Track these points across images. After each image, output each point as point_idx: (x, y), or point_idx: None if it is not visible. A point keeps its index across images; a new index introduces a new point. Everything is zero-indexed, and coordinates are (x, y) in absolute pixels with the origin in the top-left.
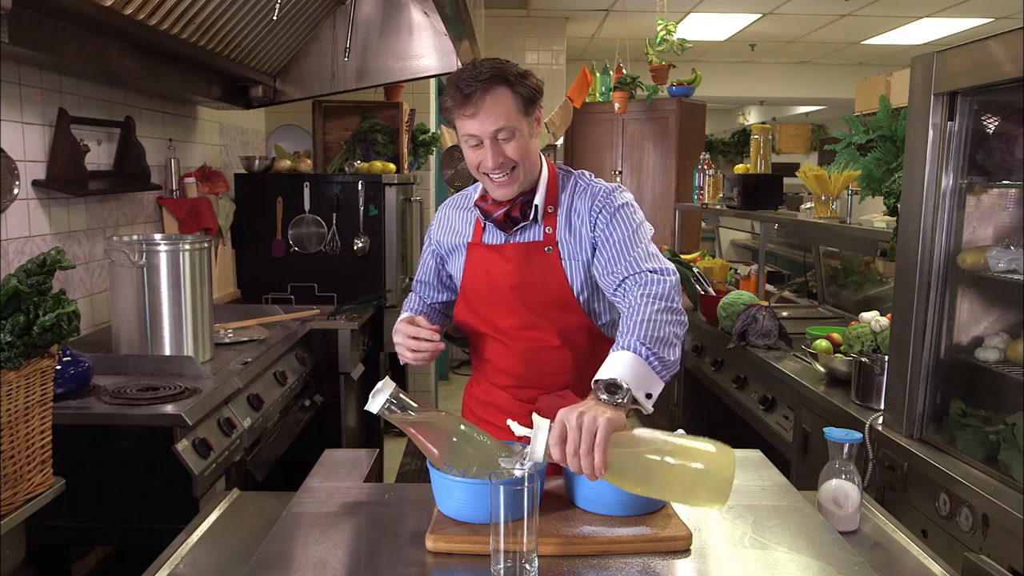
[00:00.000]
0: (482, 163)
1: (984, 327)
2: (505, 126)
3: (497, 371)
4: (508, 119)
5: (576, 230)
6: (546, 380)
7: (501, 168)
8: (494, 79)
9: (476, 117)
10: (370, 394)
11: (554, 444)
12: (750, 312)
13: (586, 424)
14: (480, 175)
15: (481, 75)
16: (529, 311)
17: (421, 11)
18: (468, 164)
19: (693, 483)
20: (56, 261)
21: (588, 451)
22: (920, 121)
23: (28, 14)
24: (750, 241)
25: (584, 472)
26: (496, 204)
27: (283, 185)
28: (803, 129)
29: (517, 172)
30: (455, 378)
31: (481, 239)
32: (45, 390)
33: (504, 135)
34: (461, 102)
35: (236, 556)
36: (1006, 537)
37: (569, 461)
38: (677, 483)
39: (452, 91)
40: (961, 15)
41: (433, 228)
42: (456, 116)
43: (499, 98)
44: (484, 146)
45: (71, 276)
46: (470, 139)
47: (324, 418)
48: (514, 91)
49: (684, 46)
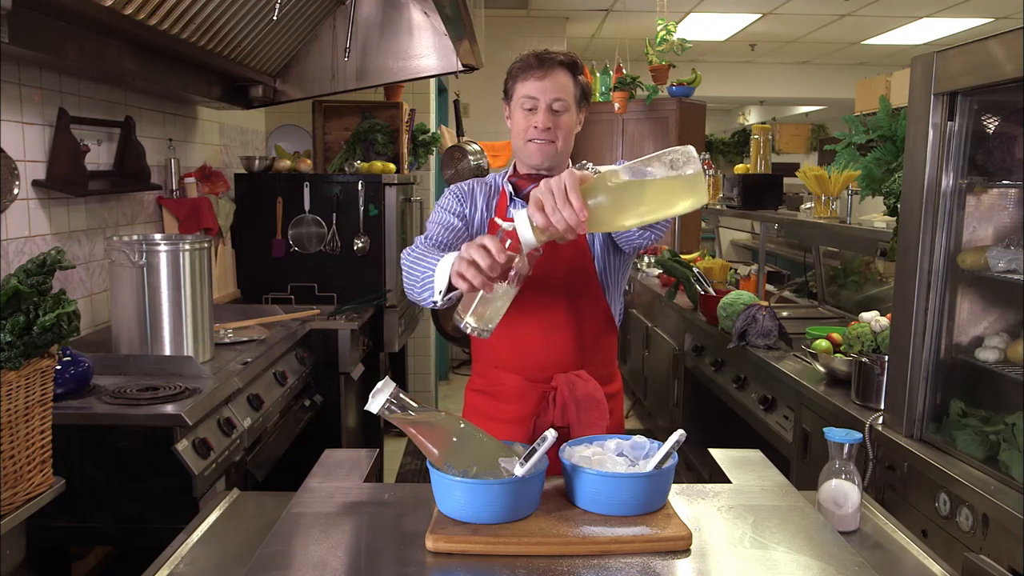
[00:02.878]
0: (532, 124)
1: (984, 327)
2: (563, 98)
3: (512, 352)
4: (566, 95)
5: None
6: (560, 359)
7: (548, 133)
8: (567, 64)
9: (543, 79)
10: (370, 394)
11: (534, 213)
12: (750, 312)
13: (553, 183)
14: (523, 141)
15: (558, 55)
16: (553, 286)
17: (421, 11)
18: (515, 130)
19: (671, 190)
20: (56, 261)
21: (564, 201)
22: (920, 121)
23: (28, 14)
24: (750, 241)
25: (570, 224)
26: (528, 179)
27: (283, 185)
28: (803, 129)
29: (556, 144)
30: (455, 378)
31: (505, 216)
32: (45, 390)
33: (559, 106)
34: (535, 65)
35: (236, 556)
36: (1006, 537)
37: (553, 220)
38: (657, 195)
39: (527, 59)
40: (961, 15)
41: (450, 200)
42: (523, 77)
43: (565, 77)
44: (538, 109)
45: (71, 276)
46: (527, 101)
47: (324, 418)
48: (576, 81)
49: (684, 46)
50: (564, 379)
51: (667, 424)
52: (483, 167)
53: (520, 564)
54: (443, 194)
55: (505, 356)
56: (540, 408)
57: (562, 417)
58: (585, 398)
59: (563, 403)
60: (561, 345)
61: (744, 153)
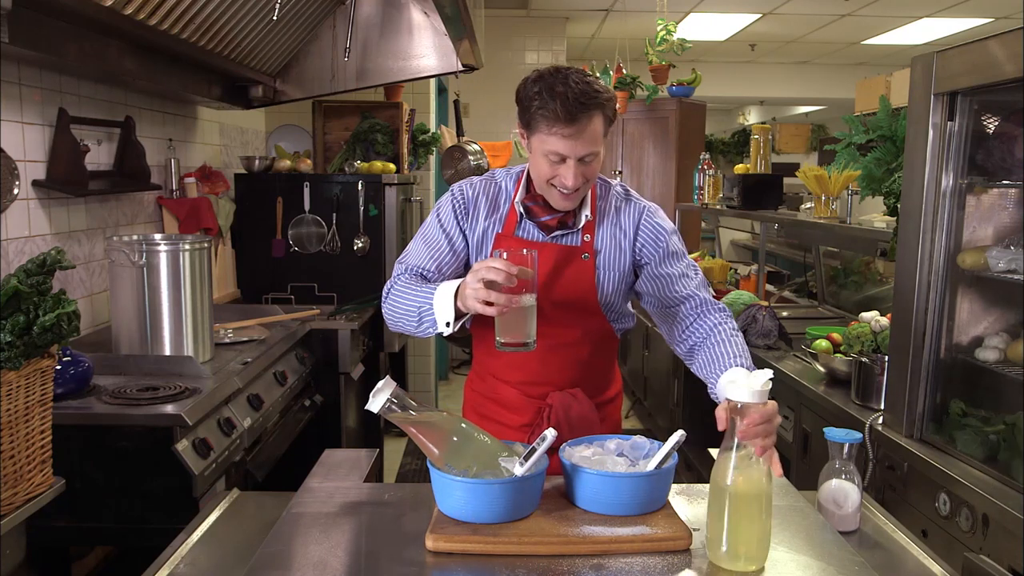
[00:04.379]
0: (559, 179)
1: (984, 327)
2: (593, 151)
3: (509, 367)
4: (596, 144)
5: (618, 242)
6: (556, 378)
7: (577, 187)
8: (596, 105)
9: (573, 139)
10: (370, 394)
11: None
12: (750, 312)
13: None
14: (547, 186)
15: (588, 99)
16: (554, 307)
17: (421, 11)
18: (537, 174)
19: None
20: (56, 261)
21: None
22: (920, 121)
23: (28, 14)
24: (750, 241)
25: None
26: (544, 209)
27: (283, 185)
28: (803, 129)
29: (583, 189)
30: (455, 378)
31: (514, 232)
32: (45, 390)
33: (589, 158)
34: (564, 119)
35: (236, 556)
36: (1006, 537)
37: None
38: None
39: (554, 104)
40: (961, 15)
41: (451, 208)
42: (548, 128)
43: (595, 124)
44: (567, 164)
45: (71, 276)
46: (554, 156)
47: (324, 418)
48: (604, 116)
49: (684, 46)
50: (559, 398)
51: (667, 424)
52: (483, 167)
53: (520, 564)
54: (442, 202)
55: (503, 369)
56: (535, 420)
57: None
58: (579, 419)
59: (557, 422)
60: (558, 364)
61: (744, 153)
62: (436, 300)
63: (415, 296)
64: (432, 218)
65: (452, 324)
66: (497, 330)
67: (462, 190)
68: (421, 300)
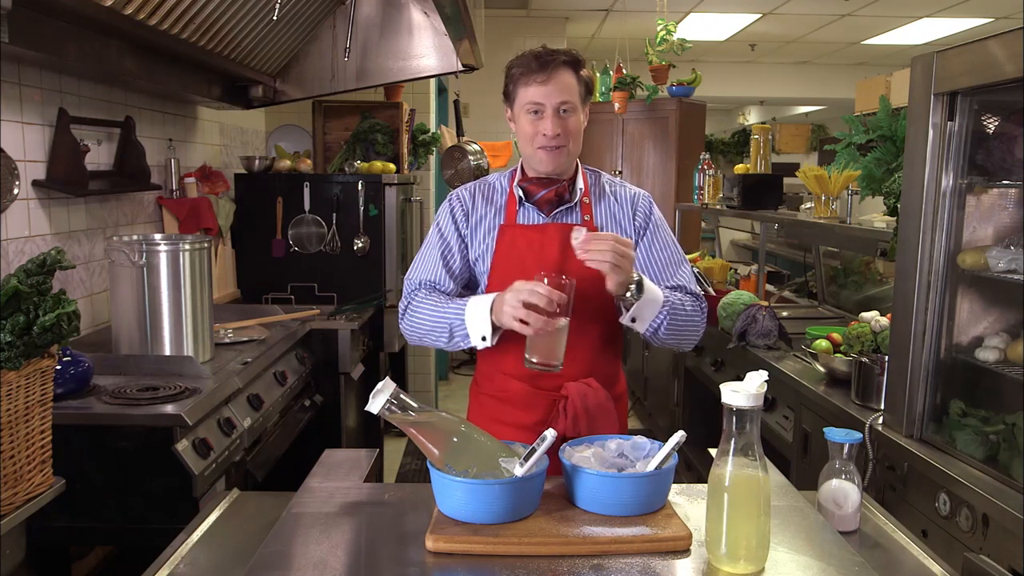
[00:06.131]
0: (540, 131)
1: (984, 327)
2: (569, 100)
3: (521, 360)
4: (572, 96)
5: (618, 219)
6: (568, 368)
7: (557, 139)
8: (568, 62)
9: (547, 84)
10: (370, 394)
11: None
12: (750, 312)
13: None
14: (532, 148)
15: (558, 54)
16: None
17: (421, 11)
18: (521, 135)
19: None
20: (56, 261)
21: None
22: (920, 121)
23: (28, 14)
24: (750, 241)
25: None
26: (538, 184)
27: (283, 185)
28: (803, 129)
29: (566, 149)
30: (455, 378)
31: (516, 220)
32: (45, 390)
33: (567, 108)
34: (536, 69)
35: (236, 556)
36: (1006, 537)
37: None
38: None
39: (526, 60)
40: (961, 15)
41: (449, 214)
42: (525, 82)
43: (569, 77)
44: (545, 115)
45: (71, 276)
46: (532, 106)
47: (324, 418)
48: (579, 78)
49: (684, 46)
50: (576, 388)
51: (667, 424)
52: (483, 167)
53: (520, 564)
54: (440, 211)
55: (513, 364)
56: (550, 416)
57: (573, 427)
58: (596, 408)
59: (575, 413)
60: (571, 354)
61: (744, 153)
62: (468, 315)
63: (444, 312)
64: (433, 229)
65: (489, 338)
66: (528, 349)
67: (459, 195)
68: (452, 316)
